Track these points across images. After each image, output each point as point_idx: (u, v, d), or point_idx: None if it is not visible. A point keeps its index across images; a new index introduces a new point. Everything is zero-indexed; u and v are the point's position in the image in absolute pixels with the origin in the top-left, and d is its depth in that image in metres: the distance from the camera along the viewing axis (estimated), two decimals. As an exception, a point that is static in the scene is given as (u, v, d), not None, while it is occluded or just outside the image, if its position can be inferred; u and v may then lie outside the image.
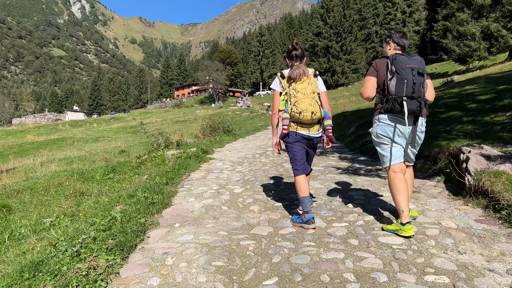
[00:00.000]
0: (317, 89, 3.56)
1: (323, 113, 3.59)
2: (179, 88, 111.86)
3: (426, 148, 6.07)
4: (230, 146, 10.63)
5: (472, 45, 35.07)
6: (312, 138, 3.66)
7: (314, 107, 3.47)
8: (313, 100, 3.47)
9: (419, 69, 3.20)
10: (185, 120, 44.83)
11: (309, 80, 3.54)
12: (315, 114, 3.47)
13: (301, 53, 3.87)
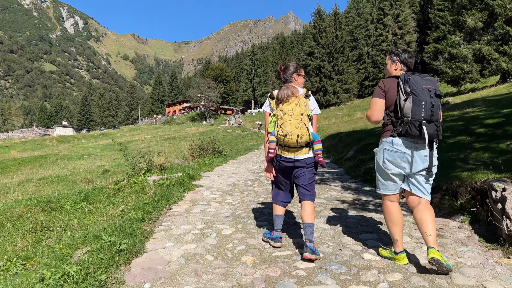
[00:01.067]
0: (307, 110, 3.36)
1: (312, 136, 3.37)
2: (171, 105, 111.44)
3: (444, 180, 5.31)
4: (219, 170, 9.77)
5: (465, 67, 35.06)
6: (299, 160, 3.45)
7: (301, 130, 3.27)
8: (300, 122, 3.28)
9: (436, 91, 3.00)
10: (175, 137, 43.92)
11: (298, 101, 3.34)
12: (302, 137, 3.27)
13: (291, 73, 3.71)
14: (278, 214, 3.67)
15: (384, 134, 3.19)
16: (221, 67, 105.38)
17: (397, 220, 3.20)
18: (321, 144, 3.45)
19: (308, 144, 3.41)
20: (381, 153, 3.18)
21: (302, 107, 3.32)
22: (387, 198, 3.28)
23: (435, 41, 59.62)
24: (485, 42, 33.73)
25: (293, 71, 3.71)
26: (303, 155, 3.43)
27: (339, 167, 9.91)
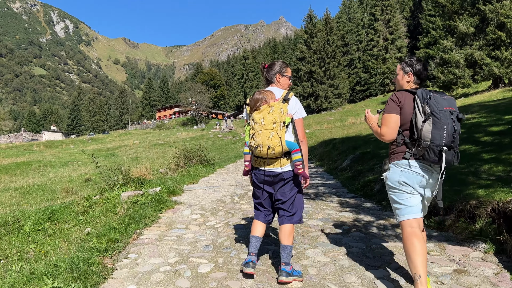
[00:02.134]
0: (283, 117, 2.98)
1: (288, 145, 2.97)
2: (161, 110, 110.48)
3: (458, 199, 4.62)
4: (205, 182, 8.99)
5: (457, 72, 34.86)
6: (275, 174, 3.08)
7: (272, 140, 2.92)
8: (272, 131, 2.94)
9: (458, 114, 2.70)
10: (164, 143, 43.00)
11: (270, 108, 2.99)
12: (274, 148, 2.92)
13: (275, 73, 3.33)
14: (254, 235, 3.20)
15: (395, 156, 2.85)
16: (213, 72, 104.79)
17: (420, 251, 2.68)
18: (300, 153, 3.02)
19: (286, 155, 3.06)
20: (396, 174, 2.80)
21: (276, 115, 2.97)
22: (408, 225, 2.77)
23: (426, 46, 59.66)
24: (477, 47, 33.56)
25: (277, 70, 3.32)
26: (280, 168, 3.07)
27: (335, 178, 9.18)
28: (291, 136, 3.07)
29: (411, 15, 74.88)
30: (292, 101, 3.13)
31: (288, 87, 3.36)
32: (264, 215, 3.27)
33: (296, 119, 3.12)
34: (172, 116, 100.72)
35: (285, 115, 2.98)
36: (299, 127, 3.13)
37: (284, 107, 3.01)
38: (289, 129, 3.07)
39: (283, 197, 3.12)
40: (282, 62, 3.40)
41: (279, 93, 3.19)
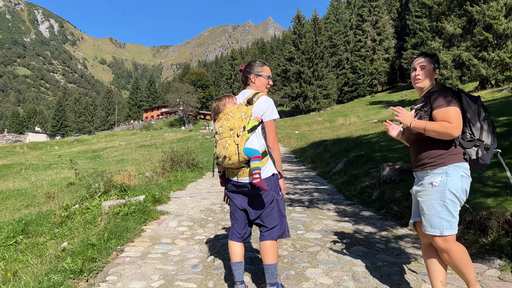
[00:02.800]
0: (243, 121, 2.70)
1: (246, 153, 2.66)
2: (148, 110, 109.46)
3: (467, 209, 4.29)
4: (193, 188, 8.54)
5: (445, 73, 34.95)
6: (243, 184, 2.80)
7: (228, 149, 2.67)
8: (229, 139, 2.69)
9: None
10: (151, 144, 42.31)
11: (228, 114, 2.76)
12: (230, 158, 2.66)
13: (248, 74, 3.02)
14: (234, 262, 2.87)
15: (454, 157, 2.50)
16: (200, 72, 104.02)
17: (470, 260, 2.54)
18: (258, 161, 2.68)
19: (248, 164, 2.75)
20: (459, 179, 2.46)
21: (234, 120, 2.71)
22: (452, 239, 2.49)
23: (413, 47, 60.09)
24: (464, 48, 33.71)
25: (251, 71, 3.01)
26: (247, 178, 2.78)
27: (329, 182, 8.82)
28: (258, 142, 2.76)
29: (398, 16, 75.37)
30: (259, 102, 2.81)
31: (268, 87, 3.05)
32: (238, 233, 2.93)
33: (265, 121, 2.80)
34: (159, 117, 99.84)
35: (247, 119, 2.71)
36: (268, 130, 2.81)
37: (246, 110, 2.75)
38: (256, 134, 2.77)
39: (257, 209, 2.82)
40: (258, 61, 3.08)
41: (242, 97, 2.95)
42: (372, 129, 18.33)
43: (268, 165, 2.79)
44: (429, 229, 2.50)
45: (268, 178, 2.76)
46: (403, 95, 52.08)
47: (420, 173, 2.64)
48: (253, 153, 2.67)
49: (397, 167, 6.12)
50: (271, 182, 2.78)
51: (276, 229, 2.78)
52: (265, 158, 2.77)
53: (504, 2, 30.94)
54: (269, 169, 2.79)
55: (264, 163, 2.76)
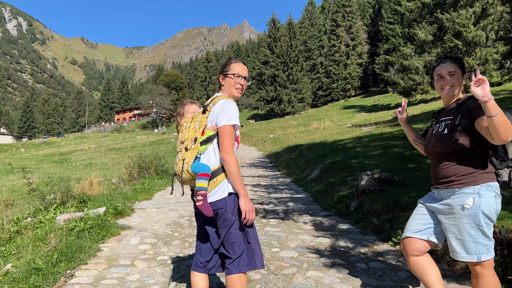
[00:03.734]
0: (196, 132, 2.35)
1: (192, 169, 2.29)
2: (120, 112, 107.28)
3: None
4: (160, 197, 8.02)
5: (416, 78, 35.63)
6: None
7: (178, 166, 2.37)
8: (179, 155, 2.38)
9: None
10: (122, 147, 41.09)
11: (183, 126, 2.48)
12: (180, 175, 2.34)
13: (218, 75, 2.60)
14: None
15: (486, 176, 2.25)
16: (175, 74, 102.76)
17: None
18: (205, 180, 2.28)
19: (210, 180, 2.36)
20: (493, 200, 2.23)
21: (186, 132, 2.40)
22: (490, 264, 2.27)
23: (385, 53, 61.23)
24: (435, 55, 34.36)
25: (220, 71, 2.58)
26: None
27: (304, 190, 8.48)
28: (215, 155, 2.36)
29: (371, 22, 76.74)
30: (215, 108, 2.36)
31: (239, 87, 2.52)
32: (200, 262, 2.50)
33: (218, 127, 2.32)
34: (131, 119, 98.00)
35: (201, 129, 2.35)
36: (220, 137, 2.30)
37: (201, 119, 2.39)
38: (213, 146, 2.38)
39: (217, 236, 2.40)
40: (229, 59, 2.60)
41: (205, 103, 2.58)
42: (346, 133, 18.23)
43: (225, 183, 2.33)
44: (463, 255, 2.26)
45: (223, 200, 2.30)
46: (376, 99, 52.91)
47: (444, 191, 2.36)
48: (200, 169, 2.28)
49: (376, 177, 5.84)
50: (229, 203, 2.32)
51: (242, 259, 2.33)
52: (221, 175, 2.32)
53: (473, 11, 31.77)
54: (226, 188, 2.33)
55: (220, 181, 2.32)
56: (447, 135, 2.32)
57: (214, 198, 2.30)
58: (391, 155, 8.77)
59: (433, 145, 2.44)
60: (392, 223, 4.68)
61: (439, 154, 2.40)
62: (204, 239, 2.50)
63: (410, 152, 8.66)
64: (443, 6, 33.93)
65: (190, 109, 2.55)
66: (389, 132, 13.02)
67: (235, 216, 2.34)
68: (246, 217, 2.28)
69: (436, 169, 2.43)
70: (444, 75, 2.41)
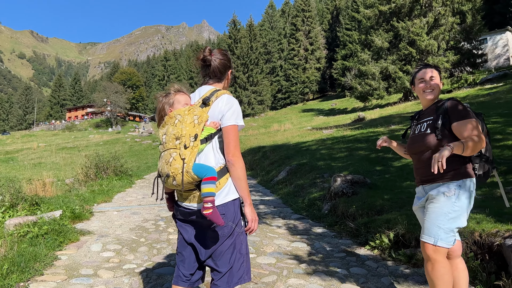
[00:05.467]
0: (195, 128, 1.99)
1: (196, 171, 1.94)
2: (72, 110, 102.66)
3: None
4: (121, 199, 7.53)
5: (373, 84, 36.68)
6: (192, 213, 2.08)
7: (172, 166, 1.94)
8: (174, 152, 1.96)
9: None
10: (74, 146, 39.21)
11: (174, 119, 2.04)
12: (174, 178, 1.93)
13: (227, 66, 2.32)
14: None
15: (467, 172, 2.45)
16: (131, 71, 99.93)
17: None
18: (212, 184, 1.97)
19: (199, 186, 2.01)
20: (468, 195, 2.42)
21: (182, 126, 1.99)
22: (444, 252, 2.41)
23: (343, 58, 62.79)
24: (391, 61, 35.62)
25: (230, 64, 2.34)
26: (196, 204, 2.06)
27: (272, 192, 8.29)
28: (215, 156, 2.09)
29: (329, 28, 78.50)
30: (218, 103, 2.12)
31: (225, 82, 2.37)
32: (184, 275, 2.20)
33: (224, 126, 2.08)
34: (84, 117, 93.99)
35: (201, 125, 2.02)
36: (227, 137, 2.07)
37: (201, 113, 2.05)
38: (213, 146, 2.10)
39: (208, 247, 2.12)
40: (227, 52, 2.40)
41: (203, 94, 2.21)
42: (308, 136, 18.33)
43: (228, 186, 2.08)
44: (423, 236, 2.44)
45: (225, 205, 2.05)
46: (333, 103, 54.09)
47: (428, 186, 2.53)
48: (205, 172, 1.97)
49: (348, 179, 5.76)
50: (230, 210, 2.06)
51: (232, 273, 2.07)
52: (224, 177, 2.07)
53: (426, 21, 33.22)
54: (229, 192, 2.07)
55: (223, 184, 2.05)
56: (430, 134, 2.49)
57: (215, 203, 2.01)
58: (357, 158, 8.80)
59: (417, 145, 2.58)
60: (369, 226, 4.59)
61: (423, 152, 2.54)
62: (190, 251, 2.19)
63: (375, 154, 8.73)
64: (399, 15, 35.21)
65: (182, 100, 2.18)
66: (351, 135, 13.18)
67: (235, 224, 2.08)
68: (251, 227, 2.07)
69: (420, 167, 2.58)
70: (427, 79, 2.62)
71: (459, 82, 34.20)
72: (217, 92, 2.16)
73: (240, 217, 2.14)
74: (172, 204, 2.29)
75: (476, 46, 36.85)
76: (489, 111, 13.39)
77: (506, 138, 7.82)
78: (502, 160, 6.22)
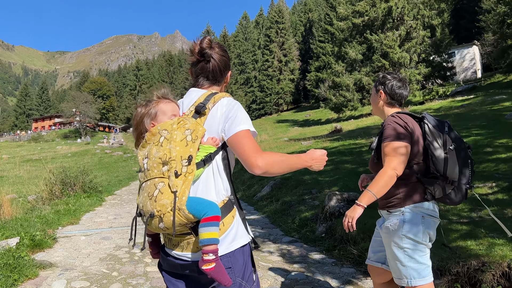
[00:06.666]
0: (188, 147, 1.41)
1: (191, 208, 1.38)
2: (39, 120, 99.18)
3: (451, 257, 3.49)
4: (89, 220, 6.76)
5: (347, 95, 36.96)
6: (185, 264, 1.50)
7: (158, 201, 1.37)
8: (160, 183, 1.39)
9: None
10: (40, 158, 37.33)
11: (160, 135, 1.45)
12: (161, 218, 1.37)
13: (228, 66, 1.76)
14: None
15: (412, 197, 2.18)
16: (101, 81, 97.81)
17: None
18: (214, 227, 1.41)
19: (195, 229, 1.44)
20: (417, 223, 2.13)
21: (170, 146, 1.43)
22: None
23: (316, 70, 63.44)
24: (364, 73, 36.03)
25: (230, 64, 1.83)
26: (190, 254, 1.49)
27: (256, 210, 7.70)
28: (216, 185, 1.52)
29: (302, 40, 79.41)
30: (217, 110, 1.57)
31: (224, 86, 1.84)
32: None
33: (232, 135, 1.50)
34: (51, 128, 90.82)
35: (197, 142, 1.46)
36: (239, 145, 1.48)
37: (195, 126, 1.49)
38: (213, 170, 1.53)
39: None
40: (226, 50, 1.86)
41: (194, 99, 1.63)
42: (286, 147, 17.92)
43: (235, 227, 1.52)
44: (396, 279, 2.22)
45: (232, 255, 1.49)
46: (307, 114, 54.35)
47: (383, 212, 2.32)
48: (205, 209, 1.41)
49: (344, 197, 5.28)
50: (239, 261, 1.51)
51: None
52: (229, 215, 1.51)
53: (399, 34, 33.86)
54: (237, 236, 1.52)
55: (228, 225, 1.50)
56: (372, 157, 2.37)
57: (219, 252, 1.44)
58: (344, 171, 8.38)
59: (371, 163, 2.43)
60: (373, 252, 4.09)
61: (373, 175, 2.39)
62: None
63: (363, 168, 8.34)
64: (372, 28, 35.75)
65: (168, 109, 1.59)
66: (333, 147, 12.83)
67: (244, 281, 1.51)
68: None
69: None
70: None
71: (430, 94, 34.90)
72: (214, 96, 1.59)
73: (252, 269, 1.58)
74: (158, 250, 1.69)
75: (446, 59, 37.88)
76: (468, 122, 13.39)
77: (496, 151, 7.59)
78: (501, 175, 5.91)
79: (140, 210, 1.47)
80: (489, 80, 38.42)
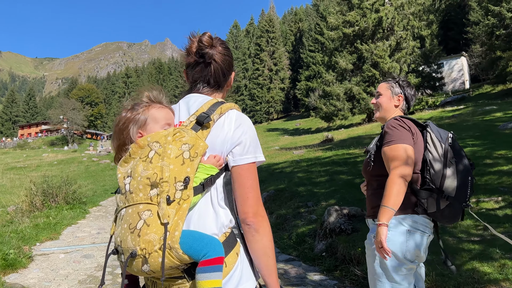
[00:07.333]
0: (182, 168, 1.09)
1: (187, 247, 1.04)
2: (25, 127, 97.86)
3: (468, 282, 3.18)
4: (71, 235, 6.32)
5: (338, 104, 36.97)
6: None
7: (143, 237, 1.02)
8: (146, 211, 1.05)
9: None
10: (25, 166, 36.47)
11: (149, 148, 1.13)
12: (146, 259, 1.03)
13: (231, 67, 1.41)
14: None
15: (400, 209, 1.91)
16: (90, 88, 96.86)
17: None
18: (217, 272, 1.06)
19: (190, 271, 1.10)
20: (401, 237, 1.92)
21: (163, 163, 1.08)
22: None
23: (306, 79, 63.68)
24: (355, 83, 36.15)
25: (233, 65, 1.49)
26: None
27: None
28: (217, 216, 1.20)
29: (293, 49, 79.82)
30: (224, 124, 1.25)
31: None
32: None
33: (237, 166, 1.22)
34: (38, 135, 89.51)
35: (196, 161, 1.14)
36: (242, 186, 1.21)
37: (194, 140, 1.16)
38: (211, 197, 1.21)
39: None
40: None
41: (195, 108, 1.29)
42: (278, 157, 17.62)
43: (239, 267, 1.19)
44: None
45: None
46: (297, 123, 54.35)
47: (368, 220, 2.21)
48: (204, 247, 1.08)
49: (345, 212, 4.96)
50: None
51: None
52: (232, 252, 1.19)
53: (389, 44, 34.06)
54: (242, 278, 1.19)
55: (231, 265, 1.17)
56: (366, 160, 2.22)
57: None
58: (340, 183, 8.08)
59: (362, 169, 2.32)
60: (379, 274, 3.76)
61: (366, 180, 2.28)
62: None
63: (360, 179, 8.04)
64: (362, 38, 35.91)
65: (161, 116, 1.24)
66: (327, 157, 12.55)
67: None
68: None
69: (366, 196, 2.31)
70: (375, 95, 2.35)
71: (420, 104, 35.12)
72: (222, 106, 1.26)
73: None
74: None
75: (435, 69, 38.18)
76: (461, 133, 13.25)
77: (497, 163, 7.38)
78: (506, 189, 5.66)
79: (117, 246, 1.12)
80: (477, 90, 38.80)
